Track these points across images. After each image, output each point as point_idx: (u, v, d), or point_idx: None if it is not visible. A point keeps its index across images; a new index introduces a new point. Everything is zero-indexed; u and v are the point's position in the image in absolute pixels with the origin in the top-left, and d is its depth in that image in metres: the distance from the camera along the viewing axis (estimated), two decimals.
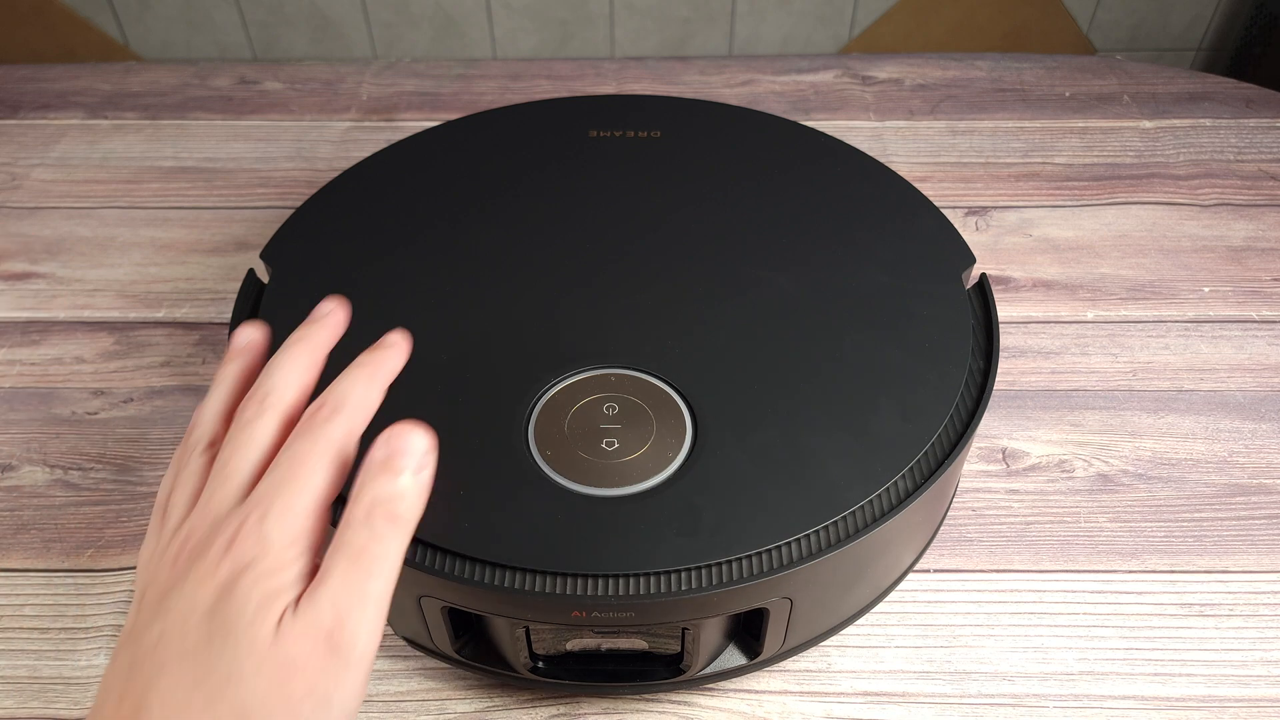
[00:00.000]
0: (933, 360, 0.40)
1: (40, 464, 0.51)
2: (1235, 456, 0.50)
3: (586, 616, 0.34)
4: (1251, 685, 0.41)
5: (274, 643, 0.26)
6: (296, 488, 0.28)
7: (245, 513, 0.28)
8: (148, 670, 0.26)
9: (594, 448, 0.37)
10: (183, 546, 0.28)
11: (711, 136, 0.54)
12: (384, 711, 0.41)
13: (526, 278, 0.45)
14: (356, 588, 0.27)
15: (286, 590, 0.27)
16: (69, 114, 0.77)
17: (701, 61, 0.82)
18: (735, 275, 0.44)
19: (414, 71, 0.82)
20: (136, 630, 0.27)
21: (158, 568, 0.29)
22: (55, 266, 0.63)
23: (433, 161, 0.52)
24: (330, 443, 0.29)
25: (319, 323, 0.34)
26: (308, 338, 0.33)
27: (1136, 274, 0.61)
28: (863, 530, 0.35)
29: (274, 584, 0.27)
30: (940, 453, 0.37)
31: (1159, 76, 0.78)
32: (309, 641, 0.26)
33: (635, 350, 0.41)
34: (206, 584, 0.27)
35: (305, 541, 0.28)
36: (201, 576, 0.27)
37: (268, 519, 0.27)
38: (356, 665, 0.27)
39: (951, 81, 0.79)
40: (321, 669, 0.26)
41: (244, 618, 0.26)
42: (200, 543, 0.28)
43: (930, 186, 0.67)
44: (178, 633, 0.26)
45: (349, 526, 0.28)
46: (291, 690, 0.26)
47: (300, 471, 0.28)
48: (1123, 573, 0.46)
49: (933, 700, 0.41)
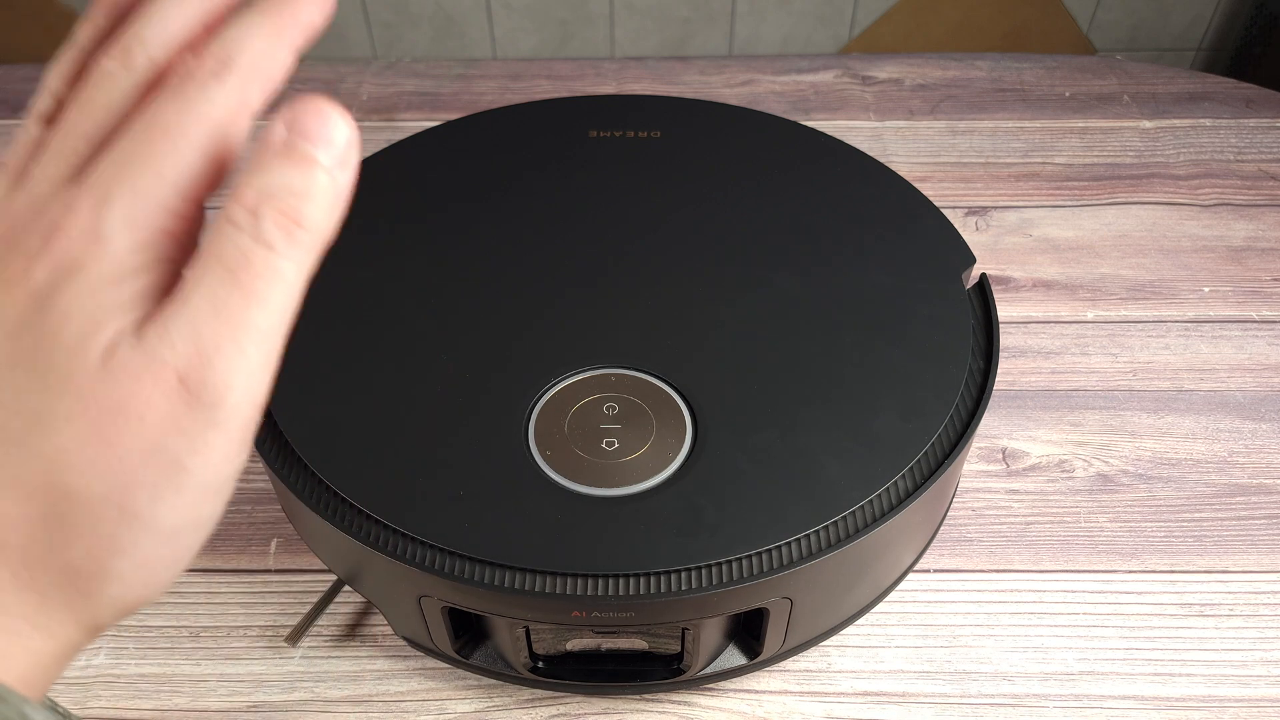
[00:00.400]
0: (933, 360, 0.40)
1: None
2: (1235, 456, 0.50)
3: (586, 616, 0.34)
4: (1251, 685, 0.41)
5: (103, 377, 0.19)
6: (152, 168, 0.20)
7: (77, 195, 0.20)
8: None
9: (594, 447, 0.37)
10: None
11: (711, 136, 0.54)
12: (384, 711, 0.41)
13: (526, 277, 0.45)
14: (231, 315, 0.19)
15: (125, 309, 0.20)
16: None
17: (701, 61, 0.82)
18: (736, 275, 0.44)
19: (414, 71, 0.82)
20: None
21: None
22: None
23: (432, 162, 0.52)
24: (207, 111, 0.20)
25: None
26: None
27: (1136, 274, 0.61)
28: (863, 530, 0.35)
29: (108, 298, 0.19)
30: (940, 453, 0.37)
31: (1159, 76, 0.79)
32: (152, 381, 0.19)
33: (635, 350, 0.41)
34: (16, 289, 0.20)
35: (156, 248, 0.20)
36: (11, 278, 0.20)
37: (106, 206, 0.20)
38: (225, 423, 0.20)
39: (951, 81, 0.79)
40: (169, 421, 0.19)
41: (61, 340, 0.19)
42: (13, 230, 0.20)
43: (930, 186, 0.67)
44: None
45: (226, 228, 0.20)
46: (122, 444, 0.19)
47: (160, 147, 0.20)
48: (1123, 573, 0.46)
49: (933, 700, 0.41)
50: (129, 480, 0.19)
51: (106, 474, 0.19)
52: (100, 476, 0.19)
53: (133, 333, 0.19)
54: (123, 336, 0.19)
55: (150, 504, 0.20)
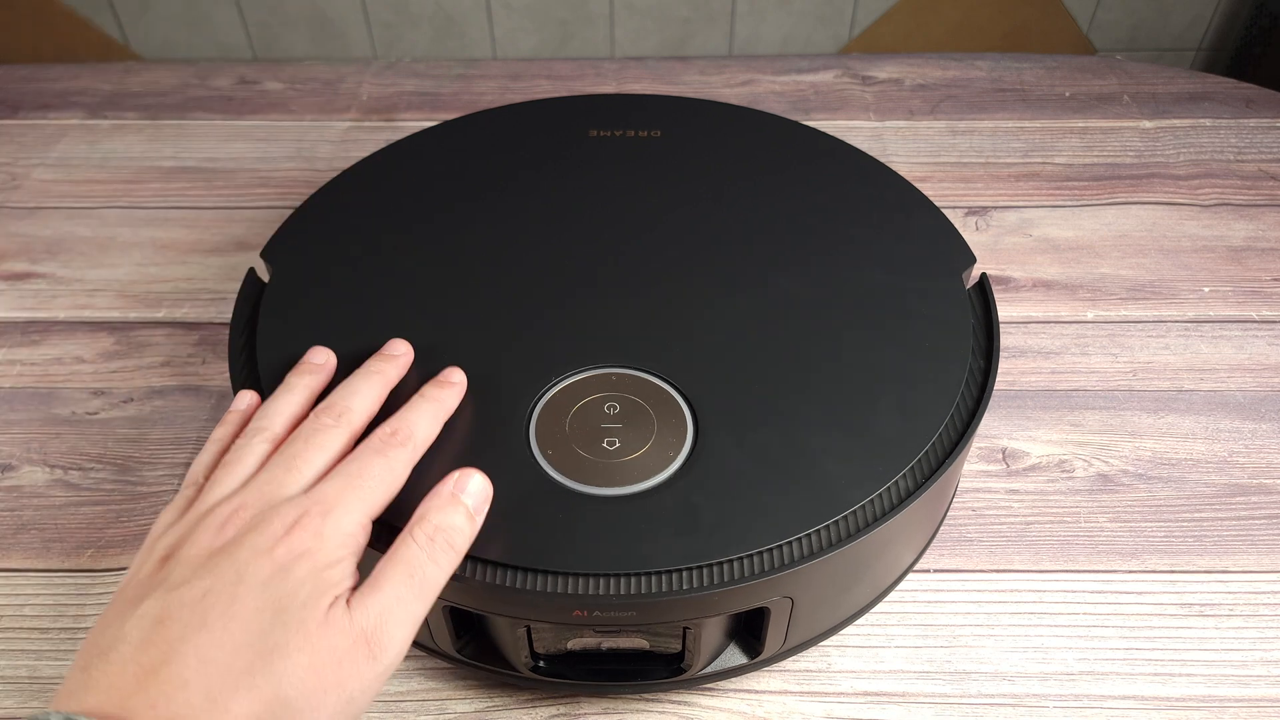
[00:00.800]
0: (933, 359, 0.40)
1: (40, 464, 0.51)
2: (1235, 456, 0.50)
3: (587, 616, 0.34)
4: (1251, 685, 0.41)
5: (322, 628, 0.28)
6: (360, 495, 0.31)
7: (308, 505, 0.30)
8: (186, 621, 0.27)
9: (595, 447, 0.37)
10: (232, 516, 0.30)
11: (711, 136, 0.54)
12: (384, 711, 0.41)
13: (527, 277, 0.45)
14: (405, 602, 0.29)
15: (336, 585, 0.29)
16: (69, 114, 0.77)
17: (701, 61, 0.82)
18: (736, 274, 0.44)
19: (414, 71, 0.82)
20: (170, 581, 0.28)
21: (197, 531, 0.30)
22: (55, 266, 0.63)
23: (433, 161, 0.52)
24: (395, 464, 0.33)
25: (392, 360, 0.38)
26: (383, 371, 0.37)
27: (1136, 274, 0.61)
28: (863, 530, 0.35)
29: (328, 577, 0.29)
30: (941, 452, 0.37)
31: (1159, 76, 0.79)
32: (351, 637, 0.28)
33: (636, 349, 0.41)
34: (262, 558, 0.28)
35: (353, 546, 0.30)
36: (258, 549, 0.29)
37: (330, 516, 0.30)
38: (382, 671, 0.29)
39: (951, 81, 0.79)
40: (355, 664, 0.28)
41: (298, 599, 0.28)
42: (255, 518, 0.30)
43: (930, 186, 0.67)
44: (226, 595, 0.28)
45: (412, 542, 0.31)
46: (325, 675, 0.27)
47: (367, 482, 0.31)
48: (1123, 573, 0.46)
49: (933, 700, 0.41)
50: (323, 702, 0.27)
51: (312, 694, 0.27)
52: (308, 695, 0.27)
53: (345, 602, 0.29)
54: (340, 602, 0.28)
55: (328, 717, 0.27)
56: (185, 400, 0.54)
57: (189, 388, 0.55)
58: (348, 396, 0.35)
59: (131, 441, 0.52)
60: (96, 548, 0.47)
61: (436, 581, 0.31)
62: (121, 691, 0.26)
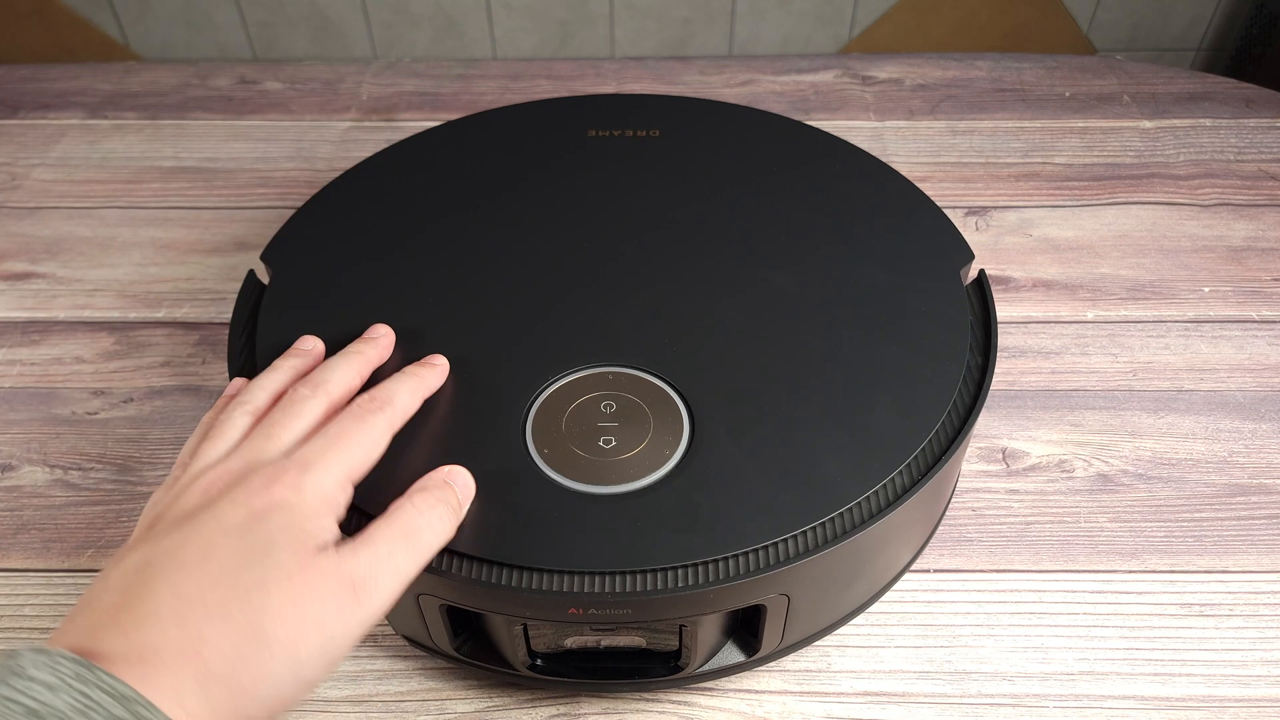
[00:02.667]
0: (930, 356, 0.40)
1: (40, 464, 0.51)
2: (1235, 456, 0.50)
3: (584, 614, 0.34)
4: (1251, 685, 0.41)
5: (305, 570, 0.28)
6: (338, 455, 0.32)
7: (287, 464, 0.31)
8: (164, 566, 0.28)
9: (591, 445, 0.37)
10: (215, 481, 0.31)
11: (711, 135, 0.54)
12: (384, 711, 0.41)
13: (525, 277, 0.45)
14: (396, 557, 0.30)
15: (316, 536, 0.29)
16: (69, 114, 0.77)
17: (701, 61, 0.82)
18: (734, 273, 0.44)
19: (414, 71, 0.82)
20: (154, 536, 0.29)
21: (182, 496, 0.31)
22: (55, 266, 0.63)
23: (433, 161, 0.52)
24: (374, 429, 0.33)
25: (374, 341, 0.39)
26: (363, 352, 0.38)
27: (1136, 274, 0.61)
28: (859, 526, 0.35)
29: (307, 528, 0.29)
30: (938, 449, 0.37)
31: (1159, 76, 0.78)
32: (337, 581, 0.28)
33: (633, 348, 0.41)
34: (239, 508, 0.29)
35: (333, 504, 0.31)
36: (236, 501, 0.29)
37: (309, 473, 0.30)
38: (366, 617, 0.29)
39: (951, 81, 0.79)
40: (337, 605, 0.28)
41: (277, 543, 0.28)
42: (236, 478, 0.31)
43: (930, 186, 0.67)
44: (203, 541, 0.28)
45: (409, 504, 0.32)
46: (306, 610, 0.27)
47: (344, 444, 0.32)
48: (1123, 573, 0.45)
49: (933, 700, 0.41)
50: (302, 637, 0.27)
51: (292, 628, 0.27)
52: (287, 628, 0.27)
53: (335, 546, 0.29)
54: (329, 549, 0.29)
55: (308, 656, 0.27)
56: (185, 400, 0.54)
57: (189, 388, 0.55)
58: (325, 370, 0.36)
59: (131, 441, 0.52)
60: (96, 548, 0.47)
61: (430, 544, 0.31)
62: (95, 627, 0.26)
